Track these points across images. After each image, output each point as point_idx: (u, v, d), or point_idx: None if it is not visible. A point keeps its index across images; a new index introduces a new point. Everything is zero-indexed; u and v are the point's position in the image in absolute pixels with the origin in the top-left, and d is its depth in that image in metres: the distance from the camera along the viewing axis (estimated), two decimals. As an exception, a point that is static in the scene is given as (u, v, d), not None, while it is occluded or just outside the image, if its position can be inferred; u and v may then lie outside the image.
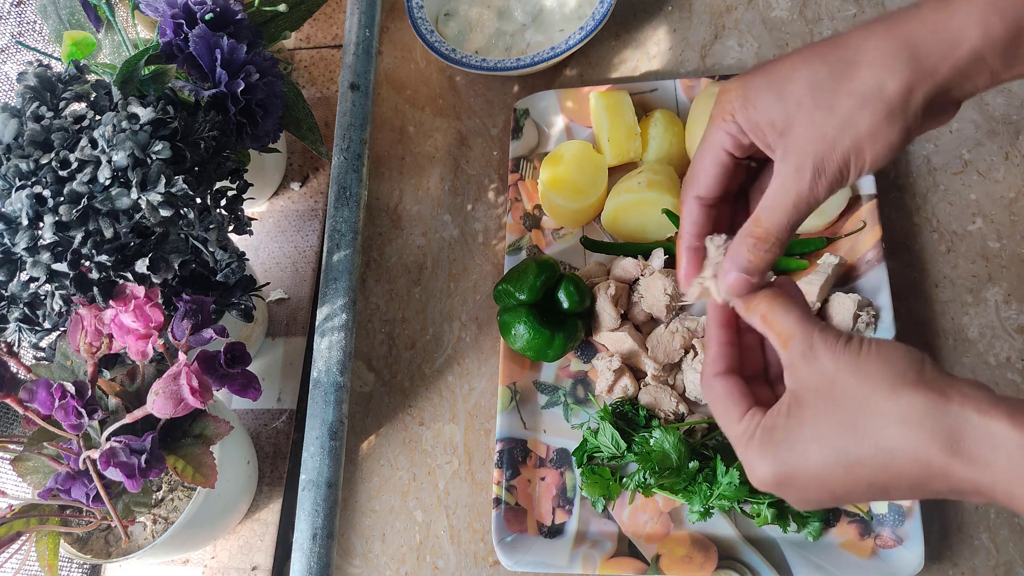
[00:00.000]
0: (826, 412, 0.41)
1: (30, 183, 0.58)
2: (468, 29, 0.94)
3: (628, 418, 0.73)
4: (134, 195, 0.58)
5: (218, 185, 0.67)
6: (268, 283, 0.89)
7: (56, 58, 0.76)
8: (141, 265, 0.60)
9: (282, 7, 0.77)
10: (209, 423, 0.64)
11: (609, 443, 0.71)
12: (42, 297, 0.60)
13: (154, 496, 0.70)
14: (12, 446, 0.64)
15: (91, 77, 0.67)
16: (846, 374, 0.41)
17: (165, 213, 0.59)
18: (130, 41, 0.74)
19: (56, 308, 0.60)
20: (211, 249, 0.65)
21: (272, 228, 0.94)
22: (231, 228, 0.69)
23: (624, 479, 0.71)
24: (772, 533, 0.68)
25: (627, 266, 0.79)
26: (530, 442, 0.76)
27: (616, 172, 0.84)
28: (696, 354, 0.74)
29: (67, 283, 0.58)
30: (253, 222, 0.72)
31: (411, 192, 0.93)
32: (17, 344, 0.61)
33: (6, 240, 0.58)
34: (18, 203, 0.57)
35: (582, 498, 0.73)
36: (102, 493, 0.59)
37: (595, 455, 0.73)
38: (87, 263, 0.59)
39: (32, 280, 0.59)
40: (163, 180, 0.59)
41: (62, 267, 0.57)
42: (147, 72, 0.68)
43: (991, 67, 0.41)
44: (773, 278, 0.48)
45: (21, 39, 0.91)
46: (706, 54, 0.91)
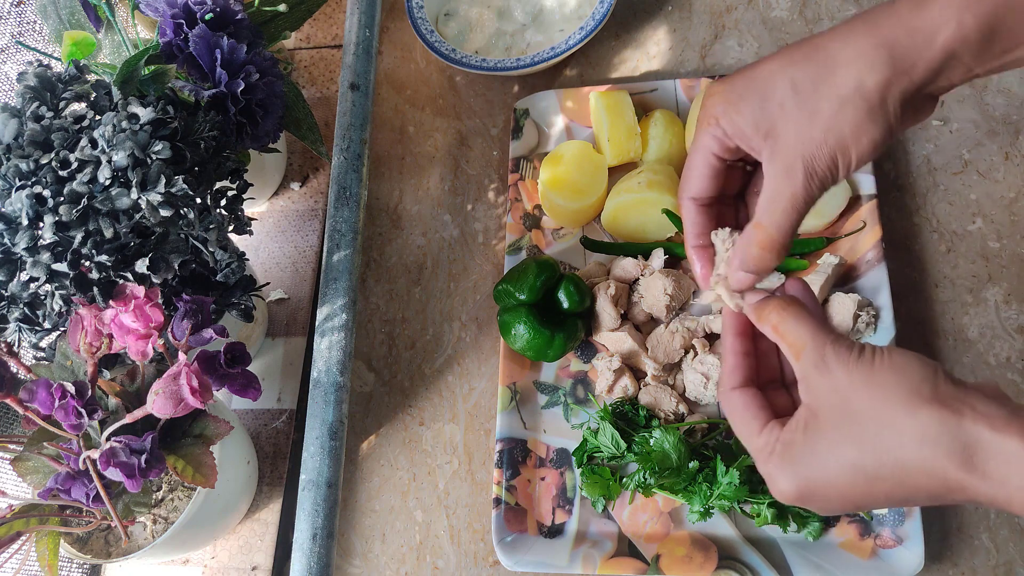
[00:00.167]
0: (843, 428, 0.41)
1: (30, 183, 0.58)
2: (468, 29, 0.94)
3: (628, 418, 0.73)
4: (134, 195, 0.58)
5: (218, 185, 0.67)
6: (268, 283, 0.89)
7: (56, 58, 0.76)
8: (141, 265, 0.60)
9: (282, 7, 0.77)
10: (209, 423, 0.64)
11: (609, 443, 0.71)
12: (42, 297, 0.60)
13: (154, 496, 0.70)
14: (12, 446, 0.64)
15: (91, 77, 0.67)
16: (860, 389, 0.41)
17: (165, 213, 0.59)
18: (130, 41, 0.74)
19: (56, 308, 0.60)
20: (211, 249, 0.65)
21: (272, 228, 0.94)
22: (231, 228, 0.69)
23: (624, 479, 0.71)
24: (772, 533, 0.68)
25: (627, 266, 0.79)
26: (530, 442, 0.76)
27: (616, 172, 0.84)
28: (696, 354, 0.74)
29: (67, 283, 0.58)
30: (253, 222, 0.72)
31: (411, 192, 0.93)
32: (17, 344, 0.61)
33: (6, 240, 0.58)
34: (18, 203, 0.57)
35: (582, 498, 0.73)
36: (102, 493, 0.59)
37: (595, 455, 0.73)
38: (87, 263, 0.59)
39: (32, 280, 0.59)
40: (163, 180, 0.59)
41: (62, 267, 0.57)
42: (147, 72, 0.68)
43: (965, 63, 0.42)
44: (783, 279, 0.48)
45: (21, 39, 0.91)
46: (706, 54, 0.91)
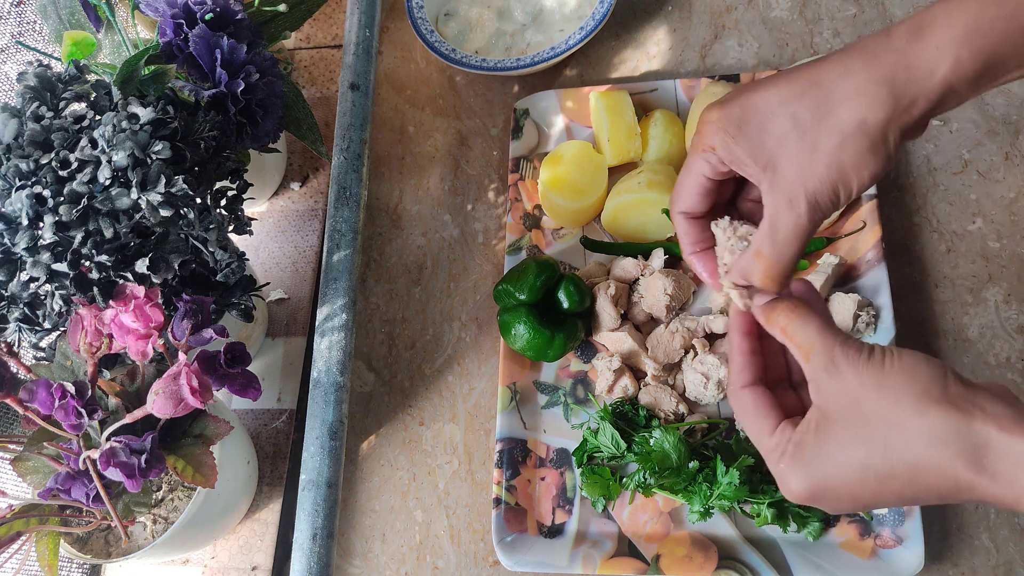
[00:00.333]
0: (854, 430, 0.42)
1: (30, 183, 0.58)
2: (468, 29, 0.94)
3: (628, 418, 0.73)
4: (134, 195, 0.58)
5: (218, 185, 0.67)
6: (268, 283, 0.89)
7: (56, 58, 0.76)
8: (141, 265, 0.60)
9: (282, 7, 0.77)
10: (209, 423, 0.64)
11: (609, 443, 0.71)
12: (42, 297, 0.60)
13: (154, 496, 0.70)
14: (12, 446, 0.64)
15: (91, 77, 0.67)
16: (871, 391, 0.41)
17: (165, 213, 0.59)
18: (130, 41, 0.74)
19: (56, 308, 0.60)
20: (211, 249, 0.65)
21: (272, 228, 0.94)
22: (231, 228, 0.69)
23: (624, 479, 0.71)
24: (772, 533, 0.68)
25: (627, 266, 0.79)
26: (530, 442, 0.76)
27: (616, 172, 0.84)
28: (696, 354, 0.74)
29: (67, 283, 0.58)
30: (253, 222, 0.72)
31: (411, 192, 0.93)
32: (17, 344, 0.61)
33: (6, 240, 0.58)
34: (18, 203, 0.57)
35: (582, 498, 0.73)
36: (102, 493, 0.59)
37: (595, 455, 0.73)
38: (87, 263, 0.59)
39: (32, 280, 0.59)
40: (163, 180, 0.59)
41: (62, 267, 0.57)
42: (147, 72, 0.68)
43: (961, 94, 0.43)
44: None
45: (21, 39, 0.91)
46: (706, 54, 0.91)
